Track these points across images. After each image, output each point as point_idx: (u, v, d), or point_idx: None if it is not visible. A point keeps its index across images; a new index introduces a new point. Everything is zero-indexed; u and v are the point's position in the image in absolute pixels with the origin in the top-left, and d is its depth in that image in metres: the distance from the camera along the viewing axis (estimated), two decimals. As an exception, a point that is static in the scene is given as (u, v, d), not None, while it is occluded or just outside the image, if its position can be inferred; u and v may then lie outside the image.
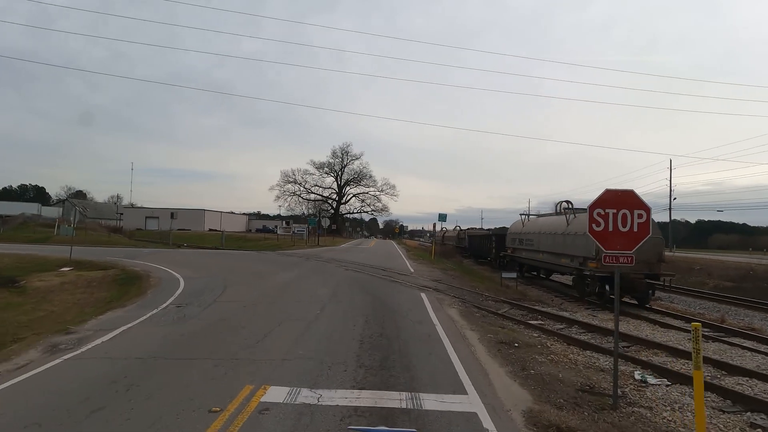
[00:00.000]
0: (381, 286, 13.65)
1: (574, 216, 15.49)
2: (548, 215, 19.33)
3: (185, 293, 12.19)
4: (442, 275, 17.71)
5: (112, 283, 15.72)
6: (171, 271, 17.48)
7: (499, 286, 16.31)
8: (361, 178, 78.86)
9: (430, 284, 14.56)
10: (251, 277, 15.52)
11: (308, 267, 19.43)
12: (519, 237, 20.74)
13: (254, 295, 11.60)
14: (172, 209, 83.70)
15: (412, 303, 10.86)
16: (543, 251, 17.61)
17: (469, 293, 13.33)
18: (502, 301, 12.31)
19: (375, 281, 14.95)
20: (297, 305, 10.20)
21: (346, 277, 15.65)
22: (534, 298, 14.74)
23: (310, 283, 14.11)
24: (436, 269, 20.05)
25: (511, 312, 10.92)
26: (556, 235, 16.18)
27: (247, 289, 12.82)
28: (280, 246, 42.03)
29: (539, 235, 18.04)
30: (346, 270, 18.20)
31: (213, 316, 9.01)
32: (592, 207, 5.26)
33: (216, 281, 14.42)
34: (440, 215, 27.41)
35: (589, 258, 13.46)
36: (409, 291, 12.93)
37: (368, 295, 11.77)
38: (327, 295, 11.63)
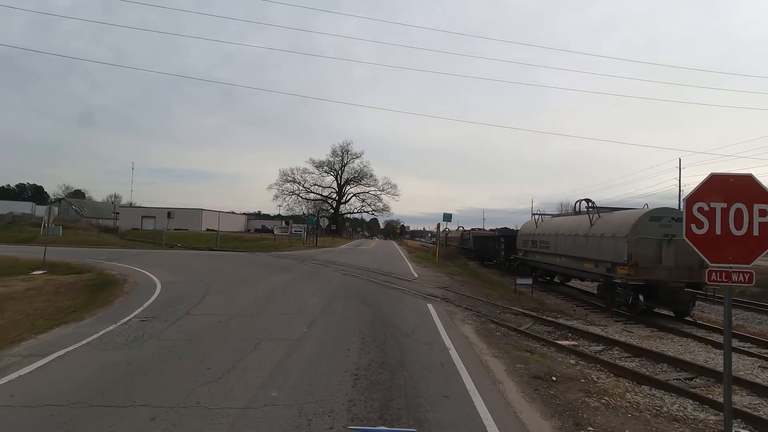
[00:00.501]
0: (381, 295, 12.03)
1: (598, 216, 13.85)
2: (565, 215, 17.69)
3: (158, 303, 10.62)
4: (449, 281, 16.09)
5: (82, 289, 14.14)
6: (151, 275, 15.91)
7: (513, 294, 14.69)
8: (362, 177, 77.33)
9: (437, 292, 12.94)
10: (237, 283, 13.93)
11: (302, 271, 17.83)
12: (532, 239, 19.09)
13: (235, 306, 10.01)
14: (168, 209, 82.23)
15: (418, 317, 9.24)
16: (561, 255, 15.97)
17: (483, 303, 11.71)
18: (521, 313, 10.68)
19: (375, 288, 13.34)
20: (282, 320, 8.60)
21: (343, 284, 14.04)
22: (554, 308, 13.13)
23: (301, 290, 12.51)
24: (442, 273, 18.43)
25: (534, 328, 9.30)
26: (577, 236, 14.55)
27: (228, 297, 11.22)
28: (276, 247, 40.45)
29: (556, 236, 16.40)
30: (344, 274, 16.59)
31: (178, 334, 7.41)
32: (691, 200, 3.61)
33: (197, 287, 12.85)
34: (445, 215, 25.81)
35: (618, 263, 11.82)
36: (414, 301, 11.31)
37: (366, 307, 10.15)
38: (319, 307, 10.03)
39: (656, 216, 11.39)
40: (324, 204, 79.24)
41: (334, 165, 77.76)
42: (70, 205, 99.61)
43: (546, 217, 19.46)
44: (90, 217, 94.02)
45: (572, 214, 16.96)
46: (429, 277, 17.03)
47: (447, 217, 25.75)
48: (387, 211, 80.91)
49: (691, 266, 11.18)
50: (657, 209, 11.63)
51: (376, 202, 78.76)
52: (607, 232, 12.55)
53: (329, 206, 79.66)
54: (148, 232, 54.61)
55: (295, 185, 76.24)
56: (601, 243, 12.84)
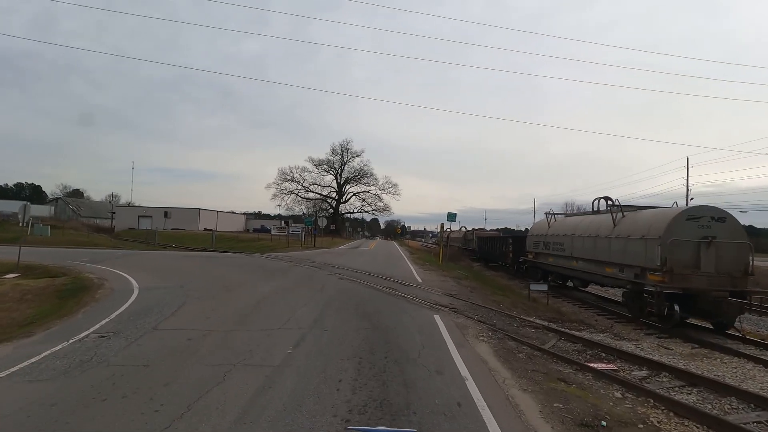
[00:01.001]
0: (381, 304, 10.69)
1: (622, 215, 12.49)
2: (581, 214, 16.34)
3: (127, 313, 9.32)
4: (456, 286, 14.73)
5: (51, 295, 12.79)
6: (131, 280, 14.61)
7: (527, 301, 13.35)
8: (362, 177, 75.89)
9: (444, 300, 11.59)
10: (222, 290, 12.59)
11: (296, 275, 16.48)
12: (544, 240, 17.74)
13: (213, 318, 8.69)
14: (165, 208, 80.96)
15: (425, 332, 7.90)
16: (578, 258, 14.62)
17: (496, 314, 10.36)
18: (542, 327, 9.32)
19: (374, 296, 11.99)
20: (264, 337, 7.26)
21: (339, 290, 12.70)
22: (573, 318, 11.79)
23: (291, 298, 11.17)
24: (448, 278, 17.07)
25: (560, 346, 7.95)
26: (598, 238, 13.19)
27: (208, 307, 9.89)
28: (273, 247, 39.10)
29: (572, 238, 15.05)
30: (340, 279, 15.25)
31: (135, 357, 6.09)
32: None
33: (176, 295, 11.53)
34: (449, 215, 24.42)
35: (649, 269, 10.48)
36: (419, 311, 9.96)
37: (364, 319, 8.81)
38: (309, 319, 8.70)
39: (694, 215, 10.03)
40: (323, 204, 77.85)
41: (333, 164, 76.38)
42: (67, 205, 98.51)
43: (559, 216, 18.10)
44: (88, 217, 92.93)
45: (589, 213, 15.62)
46: (434, 281, 15.68)
47: (451, 216, 24.39)
48: (387, 210, 79.40)
49: (733, 272, 9.83)
50: (695, 208, 10.27)
51: (376, 202, 77.34)
52: (635, 234, 11.20)
53: (329, 206, 78.28)
54: (143, 232, 53.27)
55: (293, 184, 74.86)
56: (628, 245, 11.49)
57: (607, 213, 14.12)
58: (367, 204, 78.13)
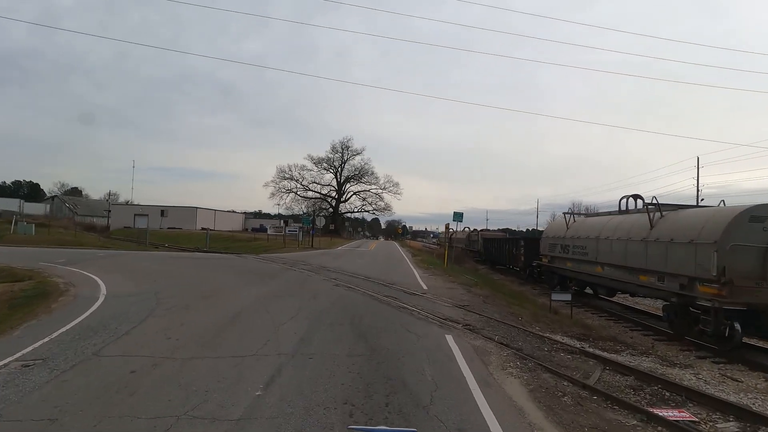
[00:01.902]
0: (382, 319, 9.03)
1: (660, 215, 10.81)
2: (606, 214, 14.65)
3: (76, 329, 7.73)
4: (466, 295, 13.06)
5: (2, 303, 11.22)
6: (102, 285, 13.01)
7: (549, 313, 11.69)
8: (363, 175, 74.21)
9: (455, 314, 9.94)
10: (199, 298, 10.96)
11: (286, 280, 14.83)
12: (562, 243, 16.07)
13: (175, 338, 7.06)
14: (162, 207, 79.46)
15: (437, 362, 6.25)
16: (603, 263, 12.95)
17: (519, 332, 8.70)
18: (577, 350, 7.65)
19: (373, 308, 10.34)
20: (229, 370, 5.62)
21: (333, 300, 11.05)
22: (604, 334, 10.14)
23: (277, 309, 9.51)
24: (456, 284, 15.40)
25: (608, 380, 6.29)
26: (630, 241, 11.52)
27: (175, 322, 8.26)
28: (269, 248, 37.51)
29: (597, 240, 13.38)
30: (336, 285, 13.60)
31: (47, 402, 4.48)
32: None
33: (144, 304, 9.93)
34: (455, 214, 22.72)
35: (701, 279, 8.81)
36: (427, 329, 8.30)
37: (360, 342, 7.16)
38: (293, 340, 7.06)
39: (758, 215, 8.36)
40: (323, 203, 76.22)
41: (333, 162, 74.67)
42: (63, 203, 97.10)
43: (579, 217, 16.43)
44: (84, 215, 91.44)
45: (615, 213, 13.95)
46: (441, 289, 14.01)
47: (458, 216, 22.70)
48: (389, 210, 77.66)
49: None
50: (760, 206, 8.55)
51: (377, 201, 75.64)
52: (680, 237, 9.53)
53: (328, 205, 76.63)
54: (137, 231, 51.56)
55: (292, 183, 73.22)
56: (670, 251, 9.82)
57: (638, 212, 12.46)
58: (367, 203, 76.54)
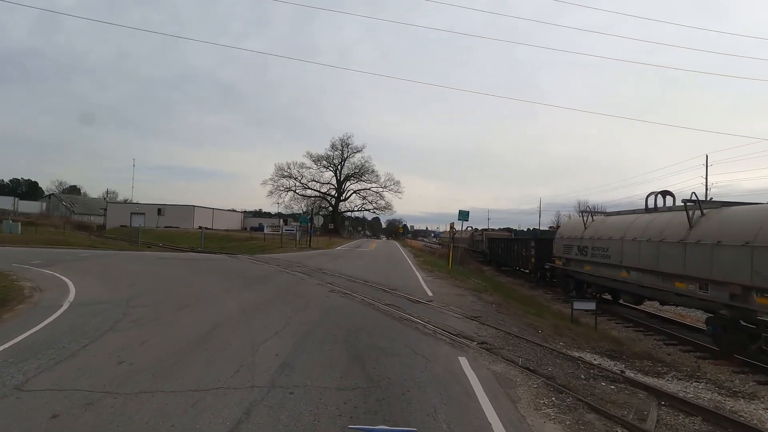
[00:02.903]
0: (382, 335, 7.68)
1: (701, 213, 9.45)
2: (631, 213, 13.27)
3: (20, 346, 6.52)
4: (477, 302, 11.70)
5: (-50, 312, 9.91)
6: (72, 290, 11.73)
7: (570, 323, 10.35)
8: (363, 173, 72.82)
9: (467, 327, 8.59)
10: (174, 307, 9.62)
11: (277, 285, 13.48)
12: (579, 244, 14.72)
13: (128, 363, 5.73)
14: (159, 205, 78.20)
15: (452, 400, 4.90)
16: (629, 267, 11.60)
17: (545, 352, 7.35)
18: (620, 377, 6.30)
19: (372, 319, 8.98)
20: (183, 412, 4.27)
21: (326, 310, 9.71)
22: (638, 350, 8.80)
23: (260, 323, 8.17)
24: (464, 290, 14.03)
25: (669, 420, 4.95)
26: (664, 243, 10.16)
27: (137, 338, 6.93)
28: (265, 248, 36.19)
29: (621, 242, 12.02)
30: (331, 291, 12.26)
31: None
32: None
33: (109, 315, 8.61)
34: (461, 213, 21.31)
35: (759, 288, 7.45)
36: (436, 349, 6.95)
37: (355, 367, 5.81)
38: (271, 366, 5.71)
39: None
40: (322, 201, 74.85)
41: (333, 159, 73.27)
42: (60, 201, 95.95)
43: (598, 216, 15.07)
44: (81, 214, 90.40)
45: (640, 211, 12.59)
46: (448, 296, 12.65)
47: (463, 215, 21.29)
48: (389, 209, 76.24)
49: None
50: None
51: (377, 200, 74.23)
52: (730, 239, 8.18)
53: (328, 204, 75.26)
54: (128, 230, 50.15)
55: (291, 181, 71.85)
56: (717, 255, 8.47)
57: (670, 211, 11.11)
58: (368, 202, 75.17)
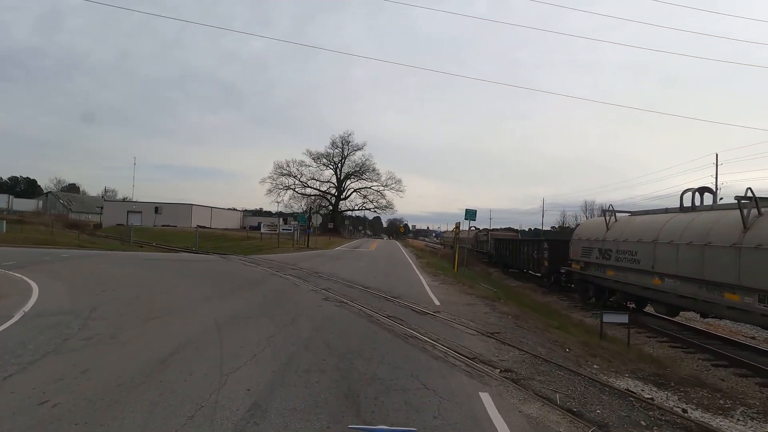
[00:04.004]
0: (382, 361, 6.27)
1: (758, 213, 8.05)
2: (663, 212, 11.85)
3: None
4: (491, 313, 10.30)
5: None
6: (34, 297, 10.44)
7: (600, 340, 8.96)
8: (364, 171, 71.42)
9: (486, 350, 7.19)
10: (139, 321, 8.23)
11: (267, 290, 12.10)
12: (601, 246, 13.31)
13: (55, 401, 4.37)
14: (156, 203, 76.95)
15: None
16: (665, 274, 10.20)
17: (583, 381, 5.96)
18: (692, 427, 4.92)
19: (370, 338, 7.58)
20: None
21: (318, 324, 8.33)
22: (685, 375, 7.44)
23: (235, 342, 6.78)
24: (474, 297, 12.62)
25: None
26: (710, 247, 8.75)
27: (80, 363, 5.56)
28: (261, 248, 34.84)
29: (654, 245, 10.62)
30: (325, 299, 10.89)
31: None
32: None
33: (62, 329, 7.28)
34: (467, 212, 19.89)
35: None
36: (450, 383, 5.55)
37: (349, 411, 4.44)
38: (238, 410, 4.32)
39: None
40: (322, 200, 73.46)
41: (333, 157, 71.87)
42: (58, 199, 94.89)
43: (622, 215, 13.64)
44: (79, 212, 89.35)
45: (675, 210, 11.19)
46: (458, 305, 11.26)
47: (470, 214, 19.88)
48: (390, 208, 74.80)
49: None
50: None
51: (378, 199, 72.83)
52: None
53: (328, 202, 73.86)
54: (120, 228, 48.71)
55: (290, 179, 70.47)
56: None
57: (713, 210, 9.71)
58: (368, 201, 73.77)
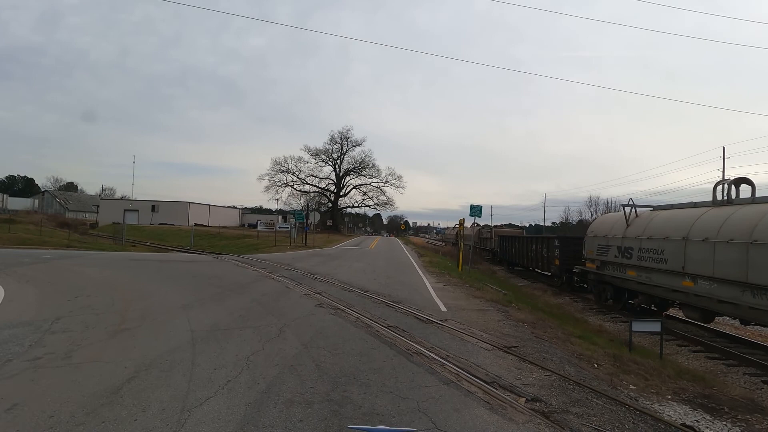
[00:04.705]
0: (383, 391, 5.13)
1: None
2: (692, 206, 10.72)
3: None
4: (505, 321, 9.19)
5: None
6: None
7: (630, 353, 7.86)
8: (363, 168, 70.21)
9: (505, 370, 6.09)
10: (104, 335, 7.13)
11: (254, 296, 10.98)
12: (620, 244, 12.20)
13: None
14: (153, 201, 75.89)
15: None
16: (697, 275, 9.09)
17: (631, 415, 4.86)
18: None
19: (368, 358, 6.42)
20: None
21: (308, 338, 7.22)
22: (736, 395, 6.36)
23: (208, 362, 5.66)
24: (484, 301, 11.49)
25: None
26: (758, 246, 7.64)
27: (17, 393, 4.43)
28: (257, 246, 33.75)
29: (684, 242, 9.51)
30: (319, 305, 9.79)
31: None
32: None
33: (14, 346, 6.19)
34: (473, 207, 18.71)
35: None
36: (468, 423, 4.44)
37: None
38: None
39: None
40: (321, 197, 72.30)
41: (332, 153, 70.63)
42: (54, 198, 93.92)
43: (643, 210, 12.51)
44: (76, 211, 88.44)
45: (706, 204, 10.08)
46: (466, 311, 10.15)
47: (475, 210, 18.69)
48: (391, 205, 73.60)
49: None
50: None
51: (378, 196, 71.66)
52: None
53: (327, 199, 72.70)
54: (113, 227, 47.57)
55: (288, 176, 69.28)
56: None
57: (758, 203, 8.59)
58: (368, 198, 72.61)
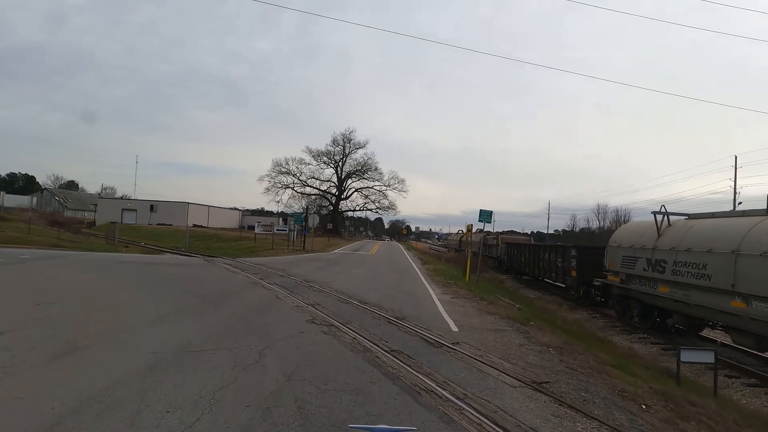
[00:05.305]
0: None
1: None
2: (741, 214, 9.45)
3: None
4: (526, 344, 7.90)
5: None
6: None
7: (680, 390, 6.57)
8: (365, 171, 68.94)
9: (543, 423, 4.80)
10: (53, 353, 5.86)
11: (236, 309, 9.68)
12: (650, 256, 10.91)
13: None
14: (152, 201, 74.92)
15: None
16: (753, 295, 7.81)
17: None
18: None
19: (366, 400, 5.06)
20: None
21: (293, 366, 5.96)
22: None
23: (163, 400, 4.38)
24: (499, 318, 10.15)
25: None
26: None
27: None
28: (254, 249, 32.49)
29: (734, 256, 8.24)
30: (311, 321, 8.52)
31: None
32: None
33: None
34: (482, 213, 17.40)
35: None
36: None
37: None
38: None
39: None
40: (322, 200, 71.09)
41: (334, 155, 69.44)
42: (53, 196, 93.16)
43: (678, 218, 11.23)
44: (75, 209, 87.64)
45: (762, 213, 8.82)
46: (480, 330, 8.86)
47: (485, 216, 17.36)
48: (393, 209, 72.26)
49: None
50: None
51: (380, 199, 70.38)
52: None
53: (328, 202, 71.50)
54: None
55: (289, 177, 68.11)
56: None
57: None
58: (370, 201, 71.34)
